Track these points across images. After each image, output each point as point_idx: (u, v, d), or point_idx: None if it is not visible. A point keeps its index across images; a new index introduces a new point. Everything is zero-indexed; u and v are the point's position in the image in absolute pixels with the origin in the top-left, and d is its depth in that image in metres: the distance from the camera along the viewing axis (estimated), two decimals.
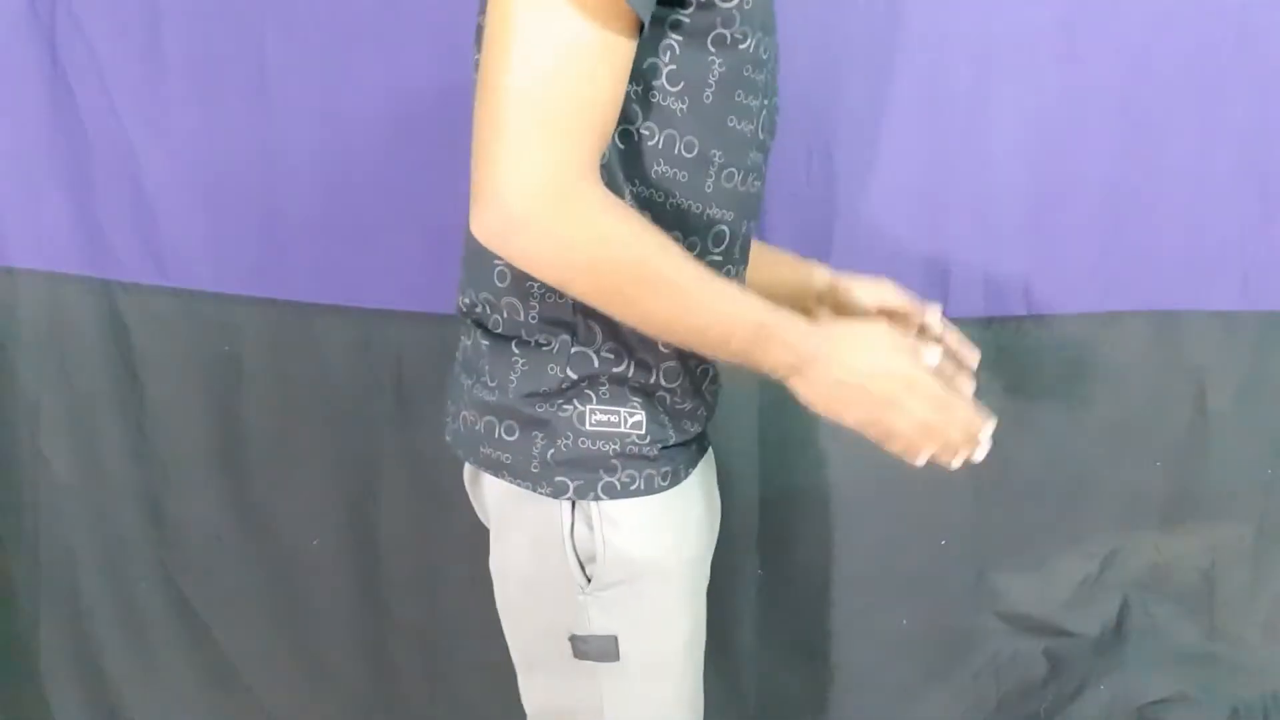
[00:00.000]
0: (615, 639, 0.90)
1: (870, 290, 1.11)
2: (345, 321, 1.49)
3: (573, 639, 0.90)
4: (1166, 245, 1.43)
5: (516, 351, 0.88)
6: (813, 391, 0.83)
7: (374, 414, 1.52)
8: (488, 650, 1.04)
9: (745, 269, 0.98)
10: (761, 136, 0.91)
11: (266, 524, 1.56)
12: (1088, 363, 1.47)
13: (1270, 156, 1.40)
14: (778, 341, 0.81)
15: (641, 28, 0.76)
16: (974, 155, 1.40)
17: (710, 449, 1.04)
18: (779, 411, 1.48)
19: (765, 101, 0.90)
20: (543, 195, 0.73)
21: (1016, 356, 1.46)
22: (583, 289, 0.78)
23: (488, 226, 0.75)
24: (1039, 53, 1.38)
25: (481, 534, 1.00)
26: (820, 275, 1.13)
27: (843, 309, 1.11)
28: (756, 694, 1.58)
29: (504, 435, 0.89)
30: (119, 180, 1.47)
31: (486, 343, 0.90)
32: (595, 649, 0.90)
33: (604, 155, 0.81)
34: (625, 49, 0.75)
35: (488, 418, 0.90)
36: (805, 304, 1.12)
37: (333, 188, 1.46)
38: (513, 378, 0.88)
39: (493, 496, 0.94)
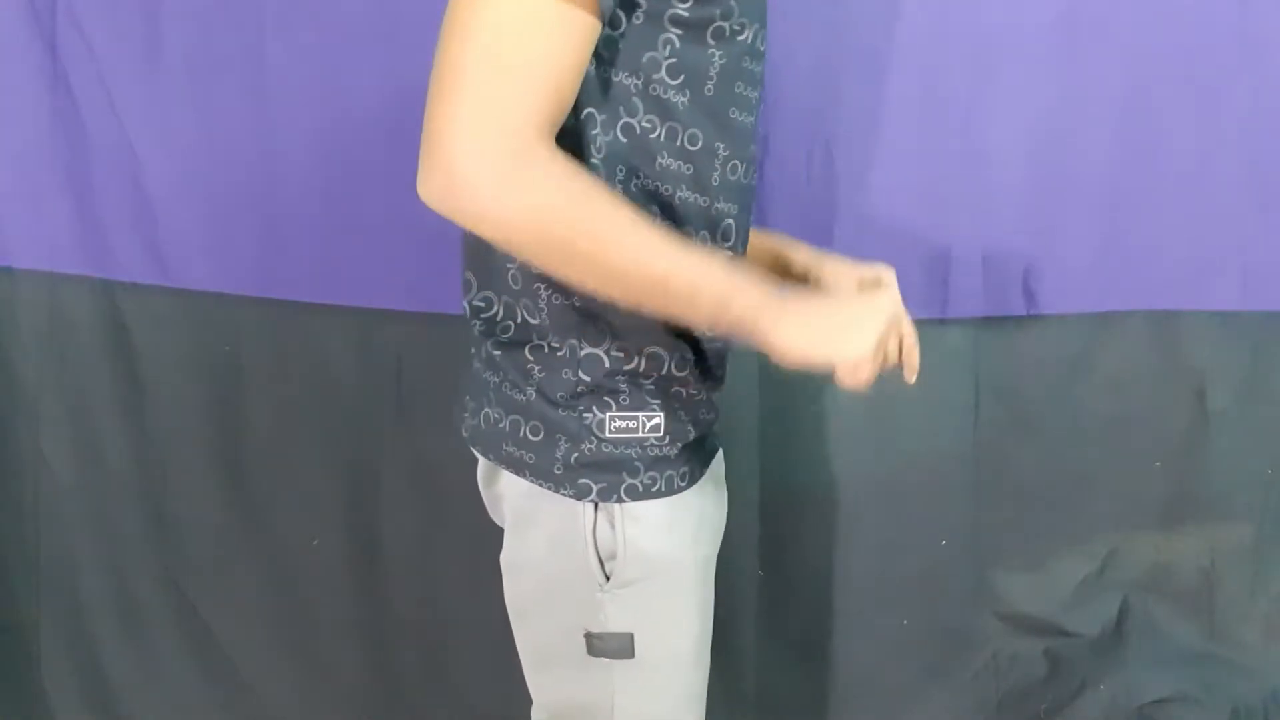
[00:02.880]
0: (631, 636, 0.90)
1: (844, 274, 1.06)
2: (345, 321, 1.49)
3: (588, 636, 0.91)
4: (1166, 245, 1.43)
5: (530, 357, 0.89)
6: (782, 337, 0.80)
7: (374, 414, 1.52)
8: (488, 649, 1.04)
9: None
10: (759, 129, 0.92)
11: (266, 524, 1.56)
12: (1087, 363, 1.47)
13: (1270, 156, 1.40)
14: (745, 292, 0.79)
15: (605, 10, 0.76)
16: (973, 155, 1.40)
17: (720, 448, 1.04)
18: (779, 411, 1.48)
19: (759, 93, 0.91)
20: (493, 156, 0.73)
21: (1016, 356, 1.47)
22: (535, 250, 0.77)
23: (436, 188, 0.75)
24: (1039, 52, 1.38)
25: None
26: (800, 256, 1.10)
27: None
28: (756, 694, 1.58)
29: (529, 435, 0.90)
30: (119, 180, 1.47)
31: (499, 351, 0.91)
32: (611, 646, 0.91)
33: (600, 148, 0.82)
34: (583, 23, 0.75)
35: (514, 416, 0.91)
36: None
37: (333, 188, 1.46)
38: (531, 382, 0.89)
39: (512, 494, 0.94)
